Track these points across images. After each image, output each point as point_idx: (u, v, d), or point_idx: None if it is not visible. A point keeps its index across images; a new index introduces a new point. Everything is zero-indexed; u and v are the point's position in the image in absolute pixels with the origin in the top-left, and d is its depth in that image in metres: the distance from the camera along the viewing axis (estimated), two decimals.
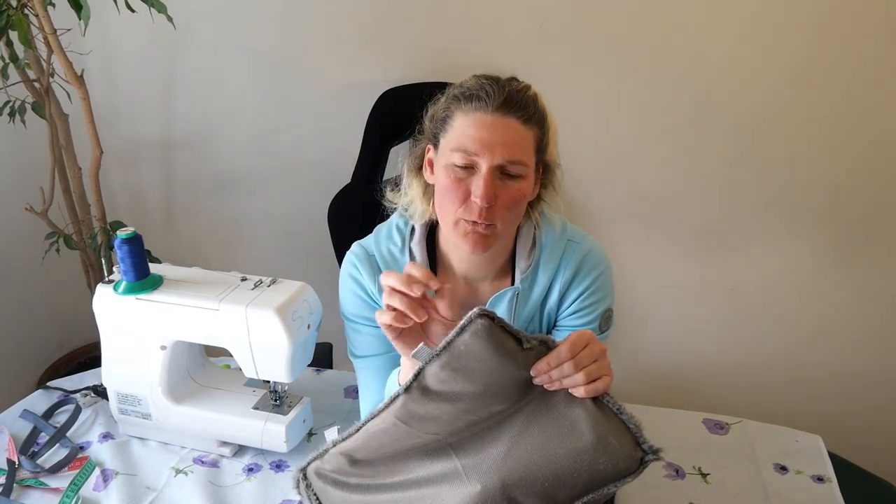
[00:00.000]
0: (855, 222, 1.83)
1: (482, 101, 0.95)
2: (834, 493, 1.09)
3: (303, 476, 1.02)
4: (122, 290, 1.12)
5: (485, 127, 0.95)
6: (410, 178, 1.08)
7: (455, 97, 0.99)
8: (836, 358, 1.98)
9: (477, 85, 0.97)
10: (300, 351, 1.11)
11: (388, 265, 1.09)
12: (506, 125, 0.95)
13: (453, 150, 0.97)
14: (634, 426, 0.84)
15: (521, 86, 0.99)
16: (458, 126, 0.97)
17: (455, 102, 0.98)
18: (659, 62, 1.76)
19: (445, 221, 1.01)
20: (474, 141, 0.95)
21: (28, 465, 1.14)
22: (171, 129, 2.08)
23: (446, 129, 0.99)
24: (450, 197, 0.98)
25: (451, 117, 0.99)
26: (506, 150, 0.94)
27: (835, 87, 1.71)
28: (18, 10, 1.55)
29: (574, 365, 0.83)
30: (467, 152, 0.95)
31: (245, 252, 2.21)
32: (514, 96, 0.96)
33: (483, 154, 0.94)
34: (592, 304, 1.08)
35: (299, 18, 1.88)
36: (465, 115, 0.97)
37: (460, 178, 0.97)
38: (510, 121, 0.95)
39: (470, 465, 0.88)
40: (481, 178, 0.95)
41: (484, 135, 0.94)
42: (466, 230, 0.98)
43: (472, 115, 0.96)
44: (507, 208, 0.98)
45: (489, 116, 0.95)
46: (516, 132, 0.95)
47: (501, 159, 0.95)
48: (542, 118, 0.99)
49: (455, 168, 0.97)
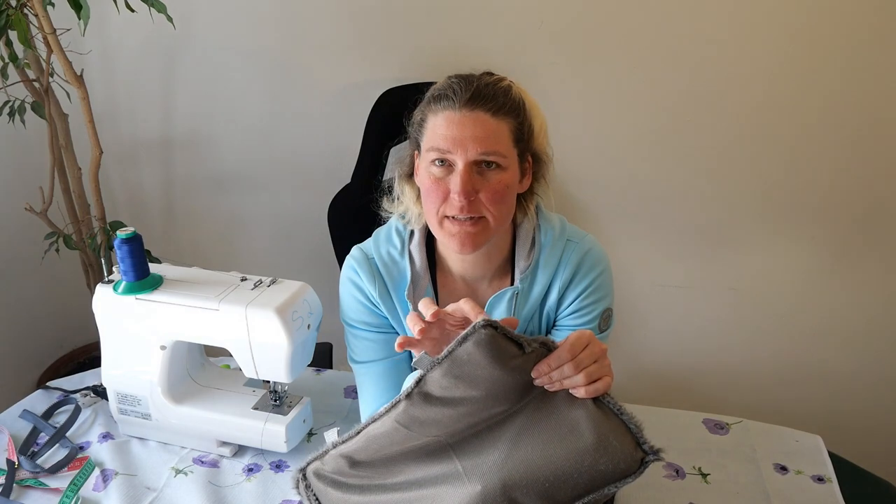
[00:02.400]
0: (855, 222, 1.83)
1: (450, 100, 0.98)
2: (834, 493, 1.09)
3: (302, 476, 1.02)
4: (121, 290, 1.12)
5: (454, 124, 0.97)
6: (402, 185, 1.10)
7: (427, 100, 1.02)
8: (837, 358, 1.98)
9: (446, 84, 1.00)
10: (300, 351, 1.11)
11: (387, 268, 1.09)
12: (475, 119, 0.97)
13: (429, 150, 0.99)
14: (635, 427, 0.84)
15: (491, 79, 1.01)
16: (431, 127, 1.00)
17: (427, 105, 1.02)
18: (659, 61, 1.76)
19: (432, 223, 1.03)
20: (446, 139, 0.97)
21: (28, 465, 1.14)
22: (171, 128, 2.08)
23: (423, 131, 1.02)
24: (431, 197, 1.00)
25: (425, 119, 1.02)
26: (478, 143, 0.96)
27: (835, 86, 1.70)
28: (18, 10, 1.55)
29: (574, 366, 0.83)
30: (441, 151, 0.98)
31: (245, 252, 2.21)
32: (482, 90, 0.98)
33: (456, 150, 0.96)
34: (592, 303, 1.08)
35: (299, 18, 1.87)
36: (435, 116, 0.99)
37: (439, 177, 0.99)
38: (479, 114, 0.97)
39: (470, 465, 0.88)
40: (458, 174, 0.97)
41: (454, 132, 0.97)
42: (452, 230, 0.99)
43: (441, 115, 0.98)
44: (491, 201, 0.98)
45: (457, 113, 0.97)
46: (486, 124, 0.97)
47: (475, 153, 0.96)
48: (517, 107, 1.00)
49: (433, 167, 0.99)
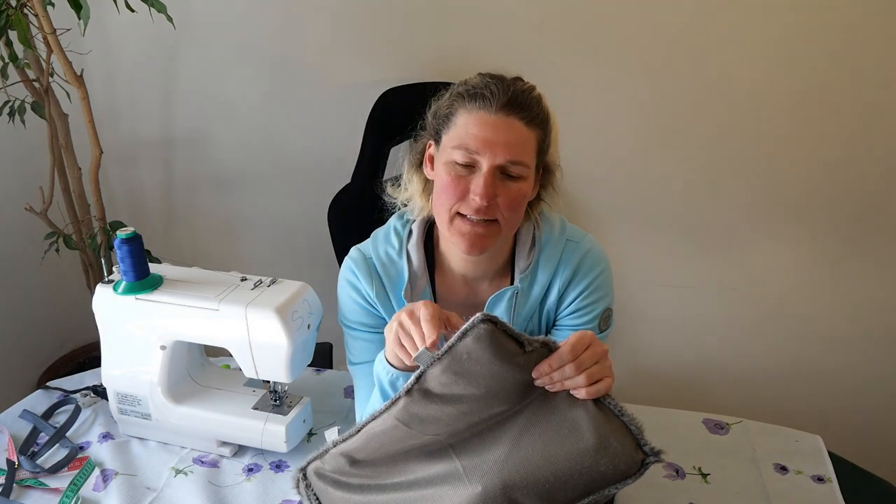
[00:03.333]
0: (855, 222, 1.83)
1: (486, 100, 0.95)
2: (834, 493, 1.09)
3: (302, 476, 1.02)
4: (121, 290, 1.12)
5: (488, 126, 0.95)
6: (411, 174, 1.08)
7: (459, 94, 0.99)
8: (837, 358, 1.98)
9: (482, 83, 0.97)
10: (300, 351, 1.11)
11: (385, 268, 1.09)
12: (509, 125, 0.95)
13: (455, 147, 0.97)
14: (636, 428, 0.84)
15: (525, 86, 0.99)
16: (461, 124, 0.97)
17: (459, 100, 0.98)
18: (659, 61, 1.76)
19: (441, 219, 1.01)
20: (476, 139, 0.95)
21: (28, 465, 1.14)
22: (170, 129, 2.08)
23: (449, 126, 0.99)
24: (448, 193, 0.98)
25: (454, 114, 0.98)
26: (508, 150, 0.94)
27: (836, 86, 1.70)
28: (18, 10, 1.55)
29: (576, 367, 0.83)
30: (469, 150, 0.95)
31: (245, 252, 2.21)
32: (519, 97, 0.95)
33: (485, 153, 0.95)
34: (592, 303, 1.07)
35: (299, 18, 1.87)
36: (468, 113, 0.96)
37: (460, 175, 0.97)
38: (513, 121, 0.95)
39: (470, 465, 0.88)
40: (481, 176, 0.95)
41: (487, 134, 0.94)
42: (463, 229, 0.98)
43: (475, 114, 0.96)
44: (507, 209, 0.97)
45: (493, 116, 0.95)
46: (519, 133, 0.95)
47: (503, 159, 0.95)
48: (546, 120, 0.99)
49: (456, 165, 0.97)
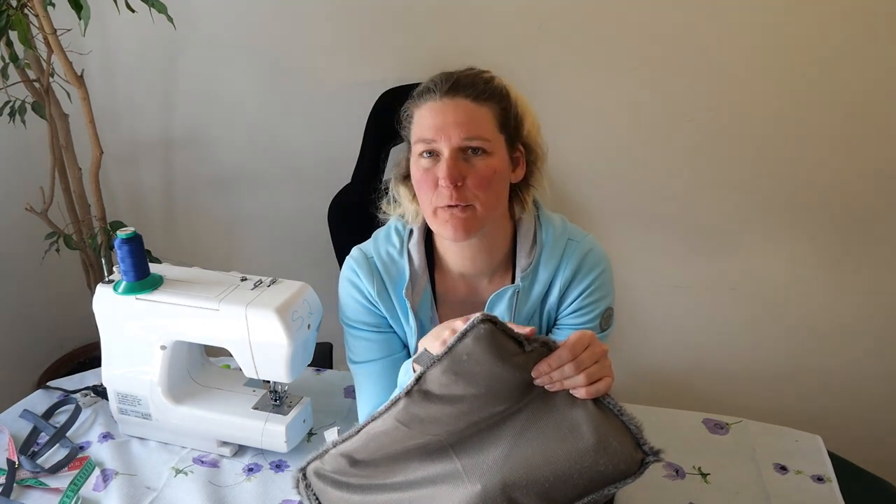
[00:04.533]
0: (855, 222, 1.83)
1: (431, 91, 1.01)
2: (834, 493, 1.09)
3: (302, 476, 1.02)
4: (122, 290, 1.12)
5: (436, 112, 0.99)
6: (397, 187, 1.11)
7: (411, 97, 1.05)
8: (837, 358, 1.98)
9: (428, 80, 1.03)
10: (300, 351, 1.11)
11: (386, 267, 1.10)
12: (455, 106, 0.99)
13: (416, 142, 1.02)
14: (635, 427, 0.84)
15: (473, 71, 1.04)
16: (416, 120, 1.02)
17: (411, 101, 1.04)
18: (659, 62, 1.75)
19: (427, 215, 1.04)
20: (429, 128, 0.99)
21: (28, 465, 1.14)
22: (170, 129, 2.08)
23: (410, 127, 1.04)
24: (423, 188, 1.01)
25: (411, 116, 1.04)
26: (460, 128, 0.98)
27: (836, 86, 1.70)
28: (18, 10, 1.55)
29: (575, 366, 0.83)
30: (427, 141, 0.99)
31: (245, 252, 2.21)
32: (462, 79, 1.01)
33: (440, 138, 0.98)
34: (593, 302, 1.08)
35: (299, 19, 1.87)
36: (419, 109, 1.02)
37: (427, 167, 1.00)
38: (459, 101, 0.99)
39: (470, 465, 0.88)
40: (443, 161, 0.98)
41: (437, 120, 0.99)
42: (444, 217, 1.00)
43: (424, 106, 1.01)
44: (479, 187, 0.99)
45: (438, 102, 1.00)
46: (467, 109, 0.99)
47: (458, 139, 0.98)
48: (499, 94, 1.02)
49: (421, 159, 1.01)
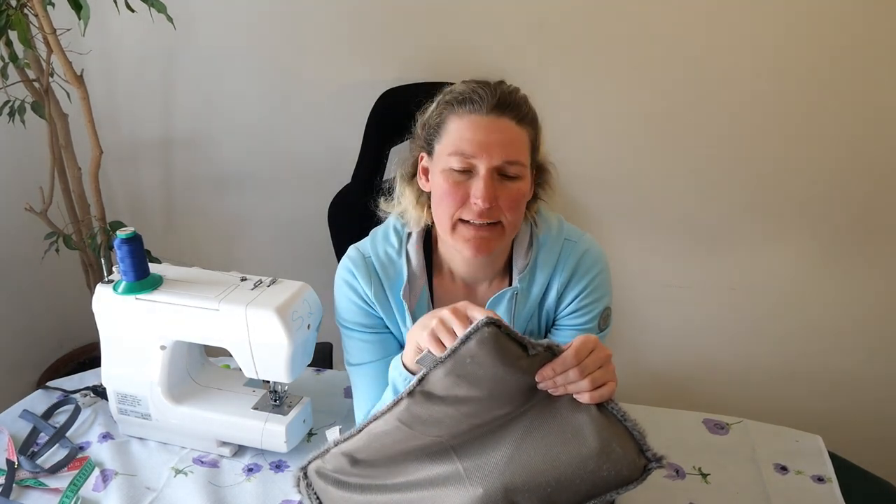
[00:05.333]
0: (855, 222, 1.83)
1: (476, 104, 0.96)
2: (834, 493, 1.09)
3: (303, 475, 1.02)
4: (121, 290, 1.12)
5: (481, 128, 0.95)
6: (403, 187, 1.09)
7: (448, 102, 1.00)
8: (837, 358, 1.98)
9: (469, 89, 0.98)
10: (300, 351, 1.11)
11: (384, 268, 1.09)
12: (501, 126, 0.96)
13: (451, 154, 0.97)
14: (639, 433, 0.84)
15: (511, 88, 1.00)
16: (454, 130, 0.97)
17: (448, 107, 0.99)
18: (658, 62, 1.76)
19: (443, 227, 1.01)
20: (471, 143, 0.95)
21: (28, 465, 1.14)
22: (171, 129, 2.08)
23: (441, 134, 0.99)
24: (448, 200, 0.98)
25: (444, 122, 0.99)
26: (503, 150, 0.95)
27: (835, 86, 1.70)
28: (18, 10, 1.54)
29: (579, 371, 0.82)
30: (465, 155, 0.96)
31: (245, 252, 2.21)
32: (507, 97, 0.97)
33: (481, 156, 0.95)
34: (591, 303, 1.08)
35: (299, 19, 1.87)
36: (459, 119, 0.97)
37: (459, 181, 0.97)
38: (505, 121, 0.96)
39: (472, 468, 0.88)
40: (481, 179, 0.95)
41: (481, 136, 0.95)
42: (467, 235, 0.98)
43: (467, 118, 0.96)
44: (509, 209, 0.98)
45: (484, 118, 0.95)
46: (512, 132, 0.96)
47: (499, 160, 0.95)
48: (535, 118, 1.01)
49: (453, 172, 0.97)
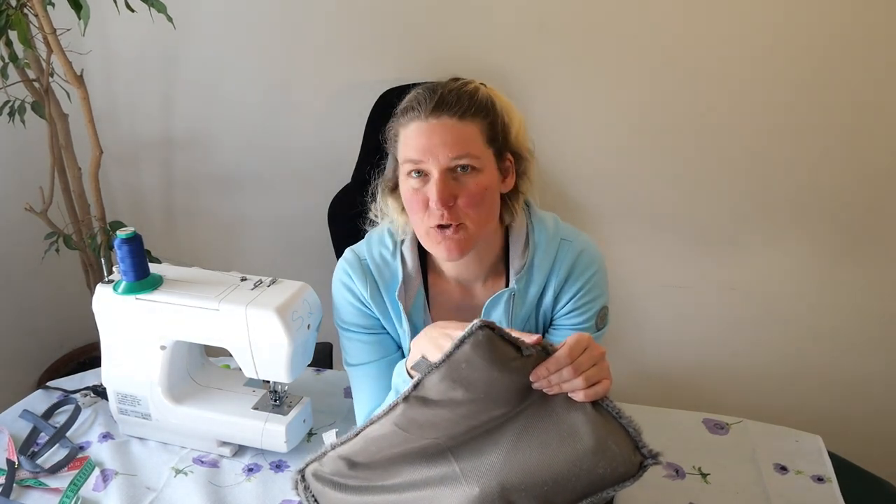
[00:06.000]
0: (855, 222, 1.83)
1: (415, 111, 0.99)
2: (834, 493, 1.09)
3: (301, 478, 1.02)
4: (121, 290, 1.12)
5: (422, 133, 0.98)
6: (385, 199, 1.10)
7: (395, 114, 1.03)
8: (837, 358, 1.98)
9: (412, 96, 1.01)
10: (300, 351, 1.11)
11: (379, 269, 1.10)
12: (442, 126, 0.97)
13: (404, 162, 1.00)
14: (634, 430, 0.84)
15: (457, 84, 1.01)
16: (403, 139, 1.01)
17: (396, 119, 1.03)
18: (659, 62, 1.75)
19: (420, 234, 1.03)
20: (417, 150, 0.98)
21: (28, 465, 1.14)
22: (171, 129, 2.08)
23: (396, 145, 1.03)
24: (413, 208, 1.00)
25: (397, 133, 1.03)
26: (448, 149, 0.96)
27: (835, 87, 1.70)
28: (18, 10, 1.55)
29: (573, 370, 0.82)
30: (414, 161, 0.98)
31: (245, 252, 2.21)
32: (446, 97, 0.98)
33: (428, 159, 0.97)
34: (588, 302, 1.07)
35: (299, 19, 1.87)
36: (405, 128, 1.00)
37: (417, 188, 0.99)
38: (445, 121, 0.98)
39: (468, 468, 0.88)
40: (433, 183, 0.97)
41: (423, 141, 0.97)
42: (438, 238, 1.00)
43: (410, 126, 0.99)
44: (471, 206, 0.98)
45: (424, 123, 0.98)
46: (455, 129, 0.97)
47: (447, 160, 0.97)
48: (484, 107, 1.00)
49: (410, 179, 1.00)
